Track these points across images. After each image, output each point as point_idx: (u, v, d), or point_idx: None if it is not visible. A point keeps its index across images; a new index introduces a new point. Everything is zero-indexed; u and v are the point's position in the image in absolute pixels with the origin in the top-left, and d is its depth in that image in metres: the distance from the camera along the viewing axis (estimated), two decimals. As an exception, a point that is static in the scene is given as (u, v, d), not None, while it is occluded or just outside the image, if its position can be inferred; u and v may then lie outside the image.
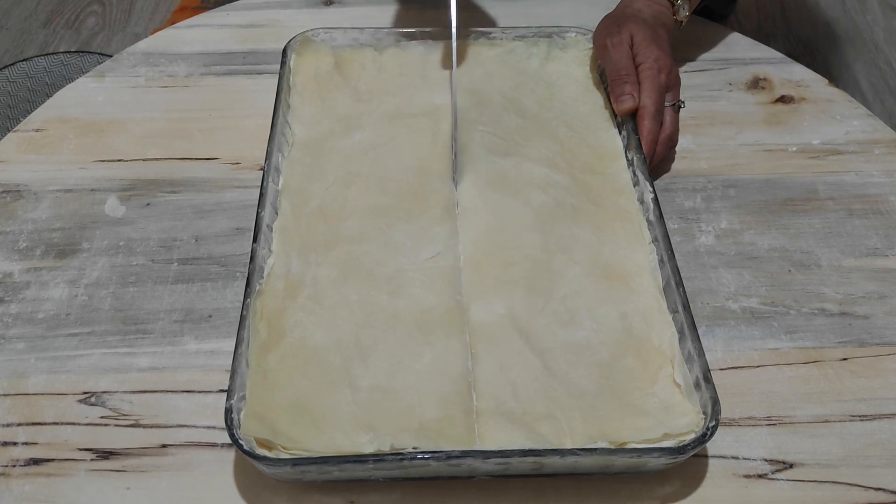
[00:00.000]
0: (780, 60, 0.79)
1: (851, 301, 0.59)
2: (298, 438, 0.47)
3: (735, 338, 0.57)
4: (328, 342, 0.53)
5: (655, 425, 0.48)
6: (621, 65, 0.67)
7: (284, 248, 0.58)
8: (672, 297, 0.54)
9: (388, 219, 0.60)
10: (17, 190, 0.67)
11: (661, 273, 0.56)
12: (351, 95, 0.71)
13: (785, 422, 0.52)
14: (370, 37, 0.75)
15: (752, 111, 0.74)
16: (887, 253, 0.62)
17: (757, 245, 0.63)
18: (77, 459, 0.50)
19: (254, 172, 0.68)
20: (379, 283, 0.56)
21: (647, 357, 0.52)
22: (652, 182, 0.61)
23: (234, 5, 0.86)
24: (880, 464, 0.50)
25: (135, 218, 0.65)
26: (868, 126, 0.72)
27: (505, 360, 0.52)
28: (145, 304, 0.59)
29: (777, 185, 0.68)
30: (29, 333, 0.57)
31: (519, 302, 0.55)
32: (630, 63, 0.68)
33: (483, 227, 0.60)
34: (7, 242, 0.63)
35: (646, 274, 0.57)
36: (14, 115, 1.02)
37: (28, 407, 0.53)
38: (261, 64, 0.78)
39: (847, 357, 0.56)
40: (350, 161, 0.65)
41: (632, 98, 0.66)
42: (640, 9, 0.72)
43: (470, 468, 0.47)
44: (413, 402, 0.50)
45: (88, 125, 0.72)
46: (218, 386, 0.54)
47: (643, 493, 0.49)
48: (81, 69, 1.04)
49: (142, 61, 0.79)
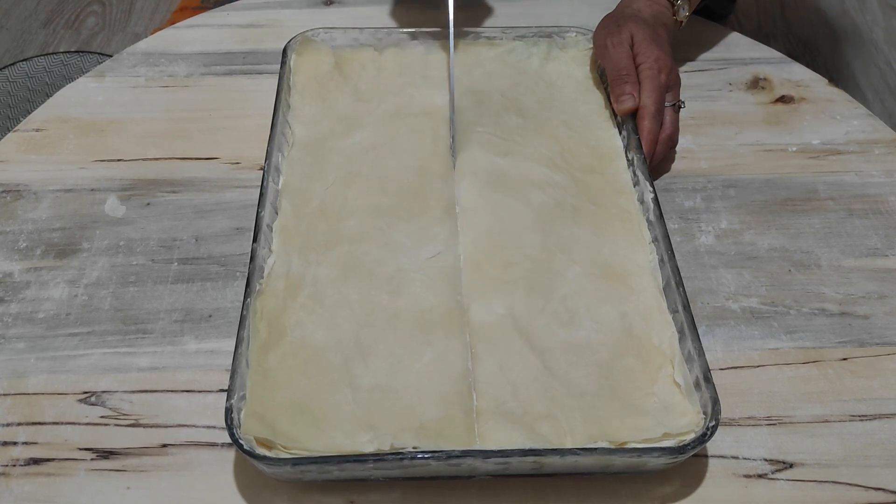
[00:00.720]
0: (780, 60, 0.79)
1: (851, 301, 0.59)
2: (298, 438, 0.47)
3: (735, 338, 0.57)
4: (328, 342, 0.53)
5: (655, 425, 0.48)
6: (621, 65, 0.67)
7: (285, 247, 0.58)
8: (672, 296, 0.54)
9: (389, 218, 0.60)
10: (17, 190, 0.67)
11: (661, 273, 0.56)
12: (351, 95, 0.71)
13: (785, 422, 0.52)
14: (370, 37, 0.75)
15: (752, 111, 0.74)
16: (887, 253, 0.62)
17: (757, 245, 0.63)
18: (77, 459, 0.50)
19: (254, 172, 0.68)
20: (379, 283, 0.56)
21: (647, 357, 0.52)
22: (652, 182, 0.61)
23: (234, 5, 0.86)
24: (880, 464, 0.50)
25: (135, 218, 0.65)
26: (868, 126, 0.72)
27: (505, 360, 0.52)
28: (145, 304, 0.59)
29: (777, 185, 0.68)
30: (29, 333, 0.57)
31: (519, 302, 0.55)
32: (630, 63, 0.68)
33: (483, 227, 0.60)
34: (7, 242, 0.63)
35: (646, 274, 0.57)
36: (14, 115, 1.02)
37: (28, 407, 0.53)
38: (261, 64, 0.78)
39: (847, 357, 0.56)
40: (350, 161, 0.65)
41: (632, 98, 0.66)
42: (640, 9, 0.72)
43: (470, 468, 0.47)
44: (413, 402, 0.50)
45: (88, 125, 0.72)
46: (218, 386, 0.54)
47: (643, 493, 0.49)
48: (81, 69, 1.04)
49: (142, 61, 0.79)
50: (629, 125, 0.66)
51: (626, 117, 0.66)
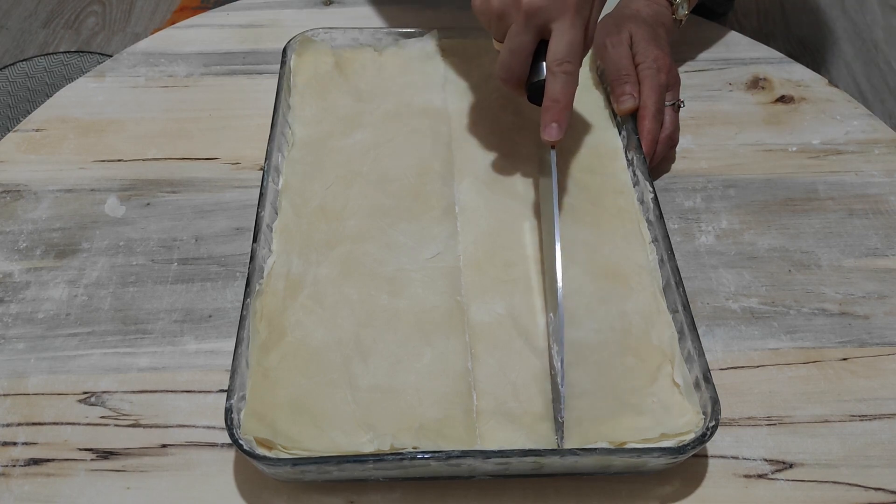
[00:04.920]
0: (780, 60, 0.79)
1: (851, 301, 0.59)
2: (298, 438, 0.47)
3: (735, 338, 0.57)
4: (328, 342, 0.53)
5: (654, 425, 0.48)
6: (621, 65, 0.67)
7: (285, 247, 0.58)
8: (672, 296, 0.54)
9: (389, 218, 0.60)
10: (17, 190, 0.67)
11: (661, 273, 0.56)
12: (351, 95, 0.71)
13: (785, 422, 0.52)
14: (370, 37, 0.75)
15: (752, 111, 0.74)
16: (887, 253, 0.62)
17: (757, 245, 0.63)
18: (77, 459, 0.50)
19: (254, 172, 0.68)
20: (379, 283, 0.56)
21: (645, 357, 0.52)
22: (652, 182, 0.61)
23: (234, 5, 0.86)
24: (880, 464, 0.51)
25: (135, 218, 0.65)
26: (868, 126, 0.72)
27: (505, 360, 0.52)
28: (145, 304, 0.59)
29: (777, 185, 0.68)
30: (29, 333, 0.57)
31: (519, 302, 0.55)
32: (630, 63, 0.68)
33: (483, 227, 0.60)
34: (7, 242, 0.63)
35: (645, 274, 0.57)
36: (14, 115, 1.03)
37: (28, 407, 0.53)
38: (261, 64, 0.78)
39: (847, 357, 0.56)
40: (350, 161, 0.65)
41: (632, 98, 0.66)
42: (638, 8, 0.72)
43: (470, 468, 0.47)
44: (413, 402, 0.50)
45: (88, 125, 0.72)
46: (218, 386, 0.54)
47: (643, 493, 0.49)
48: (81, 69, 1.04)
49: (142, 61, 0.79)
50: (629, 125, 0.66)
51: (626, 117, 0.66)
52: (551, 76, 0.56)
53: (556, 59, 0.56)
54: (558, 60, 0.56)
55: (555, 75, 0.56)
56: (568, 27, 0.56)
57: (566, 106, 0.57)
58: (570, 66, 0.56)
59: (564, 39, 0.56)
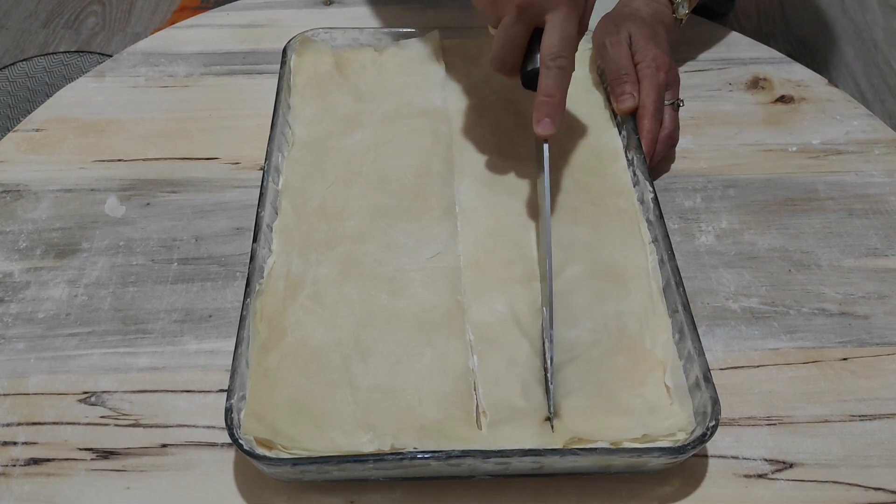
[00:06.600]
0: (780, 60, 0.79)
1: (851, 301, 0.59)
2: (298, 438, 0.47)
3: (735, 338, 0.57)
4: (328, 342, 0.53)
5: (637, 426, 0.48)
6: (621, 64, 0.67)
7: (285, 247, 0.58)
8: (672, 297, 0.54)
9: (389, 218, 0.60)
10: (17, 190, 0.67)
11: (661, 273, 0.56)
12: (351, 95, 0.71)
13: (785, 422, 0.52)
14: (370, 37, 0.75)
15: (752, 111, 0.74)
16: (887, 253, 0.62)
17: (757, 245, 0.63)
18: (77, 459, 0.50)
19: (254, 172, 0.68)
20: (379, 283, 0.56)
21: (637, 358, 0.52)
22: (652, 182, 0.61)
23: (234, 5, 0.86)
24: (880, 464, 0.50)
25: (135, 218, 0.65)
26: (868, 126, 0.72)
27: (505, 359, 0.52)
28: (145, 304, 0.59)
29: (777, 185, 0.68)
30: (29, 333, 0.57)
31: (519, 301, 0.55)
32: (629, 62, 0.68)
33: (483, 227, 0.60)
34: (7, 242, 0.63)
35: (644, 274, 0.57)
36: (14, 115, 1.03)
37: (28, 407, 0.53)
38: (261, 64, 0.78)
39: (847, 357, 0.56)
40: (350, 161, 0.65)
41: (632, 97, 0.66)
42: (638, 7, 0.72)
43: (470, 468, 0.47)
44: (413, 402, 0.50)
45: (88, 125, 0.72)
46: (218, 386, 0.54)
47: (643, 493, 0.49)
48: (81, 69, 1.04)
49: (142, 61, 0.79)
50: (629, 125, 0.66)
51: (626, 117, 0.66)
52: (545, 70, 0.56)
53: (551, 53, 0.56)
54: (553, 55, 0.56)
55: (549, 69, 0.56)
56: (562, 20, 0.56)
57: (560, 100, 0.57)
58: (565, 61, 0.56)
59: (558, 33, 0.56)
